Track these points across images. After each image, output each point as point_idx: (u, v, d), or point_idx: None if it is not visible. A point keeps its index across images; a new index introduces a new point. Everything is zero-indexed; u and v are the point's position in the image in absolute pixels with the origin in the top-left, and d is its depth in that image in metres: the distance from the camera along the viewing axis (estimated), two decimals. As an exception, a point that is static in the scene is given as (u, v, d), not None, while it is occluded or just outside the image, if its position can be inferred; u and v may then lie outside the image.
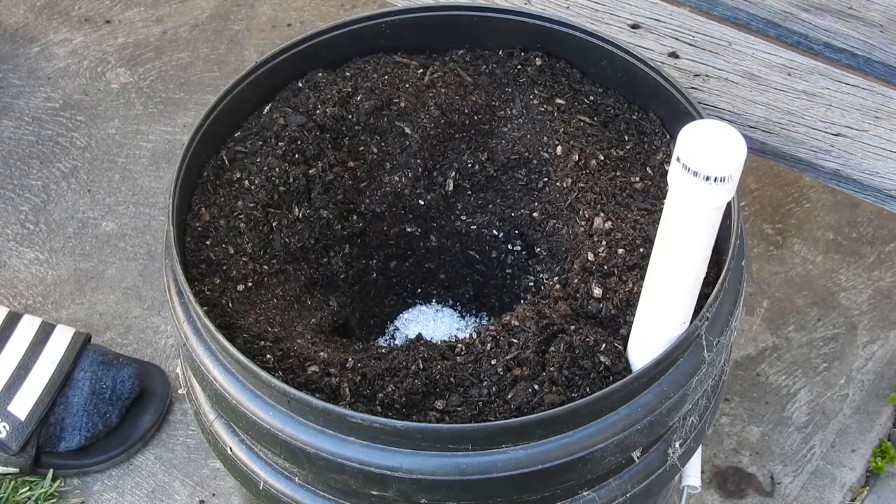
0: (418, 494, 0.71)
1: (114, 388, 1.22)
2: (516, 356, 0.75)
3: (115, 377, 1.22)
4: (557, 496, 0.76)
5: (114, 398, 1.21)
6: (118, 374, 1.22)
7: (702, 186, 0.59)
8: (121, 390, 1.22)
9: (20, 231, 1.46)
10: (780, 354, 1.34)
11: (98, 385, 1.21)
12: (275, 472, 0.80)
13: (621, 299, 0.79)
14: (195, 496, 1.22)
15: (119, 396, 1.22)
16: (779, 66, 1.06)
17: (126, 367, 1.23)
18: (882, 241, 1.45)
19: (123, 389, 1.22)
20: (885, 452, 1.26)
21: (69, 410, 1.19)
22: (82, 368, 1.21)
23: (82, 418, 1.20)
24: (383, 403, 0.74)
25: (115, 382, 1.22)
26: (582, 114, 0.93)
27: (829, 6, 1.11)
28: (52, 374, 1.19)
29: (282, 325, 0.82)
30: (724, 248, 0.78)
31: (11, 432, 1.17)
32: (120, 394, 1.22)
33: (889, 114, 1.02)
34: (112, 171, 1.53)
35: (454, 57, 0.98)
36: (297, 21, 1.74)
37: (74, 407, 1.20)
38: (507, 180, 0.95)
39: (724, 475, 1.24)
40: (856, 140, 0.99)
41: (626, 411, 0.72)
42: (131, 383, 1.23)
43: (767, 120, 1.01)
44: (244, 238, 0.86)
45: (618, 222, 0.84)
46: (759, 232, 1.46)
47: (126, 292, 1.40)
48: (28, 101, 1.62)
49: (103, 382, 1.21)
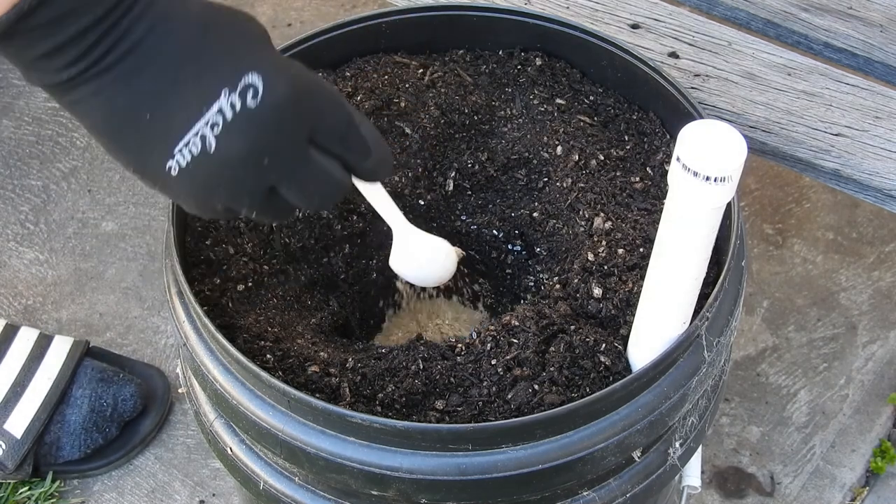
0: (418, 494, 0.71)
1: (115, 405, 1.20)
2: (516, 356, 0.75)
3: (117, 395, 1.20)
4: (557, 496, 0.76)
5: (115, 416, 1.20)
6: (120, 393, 1.21)
7: (702, 186, 0.59)
8: (123, 409, 1.21)
9: (20, 231, 1.46)
10: (780, 354, 1.34)
11: (98, 403, 1.19)
12: (275, 472, 0.80)
13: (621, 299, 0.79)
14: (195, 496, 1.22)
15: (121, 414, 1.21)
16: (779, 65, 1.06)
17: (128, 385, 1.21)
18: (882, 241, 1.45)
19: (126, 408, 1.21)
20: (885, 452, 1.26)
21: (66, 429, 1.18)
22: (81, 385, 1.20)
23: (80, 436, 1.19)
24: (383, 403, 0.74)
25: (117, 401, 1.20)
26: (582, 114, 0.93)
27: (830, 6, 1.11)
28: (49, 391, 1.18)
29: (282, 325, 0.82)
30: (724, 248, 0.78)
31: (7, 451, 1.16)
32: (122, 412, 1.21)
33: (889, 114, 1.02)
34: (112, 171, 1.53)
35: (454, 57, 0.98)
36: (297, 21, 1.74)
37: (72, 425, 1.19)
38: (507, 180, 0.95)
39: (724, 475, 1.24)
40: (856, 140, 0.99)
41: (626, 411, 0.72)
42: (133, 402, 1.21)
43: (767, 120, 1.01)
44: (244, 238, 0.86)
45: (618, 222, 0.84)
46: (759, 232, 1.46)
47: (126, 292, 1.40)
48: (28, 101, 1.62)
49: (104, 400, 1.20)
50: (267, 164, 0.62)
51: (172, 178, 0.61)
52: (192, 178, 0.61)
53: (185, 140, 0.60)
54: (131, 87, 0.59)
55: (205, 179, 0.62)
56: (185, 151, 0.60)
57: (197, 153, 0.60)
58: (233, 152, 0.60)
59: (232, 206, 0.64)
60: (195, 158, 0.60)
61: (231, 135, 0.60)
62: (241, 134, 0.60)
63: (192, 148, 0.60)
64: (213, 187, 0.62)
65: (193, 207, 0.65)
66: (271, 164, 0.62)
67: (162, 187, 0.64)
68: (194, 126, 0.60)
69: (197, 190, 0.63)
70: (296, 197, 0.65)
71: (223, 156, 0.60)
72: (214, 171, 0.61)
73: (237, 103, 0.59)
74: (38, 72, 0.59)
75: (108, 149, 0.63)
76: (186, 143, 0.60)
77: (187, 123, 0.60)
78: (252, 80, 0.60)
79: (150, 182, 0.64)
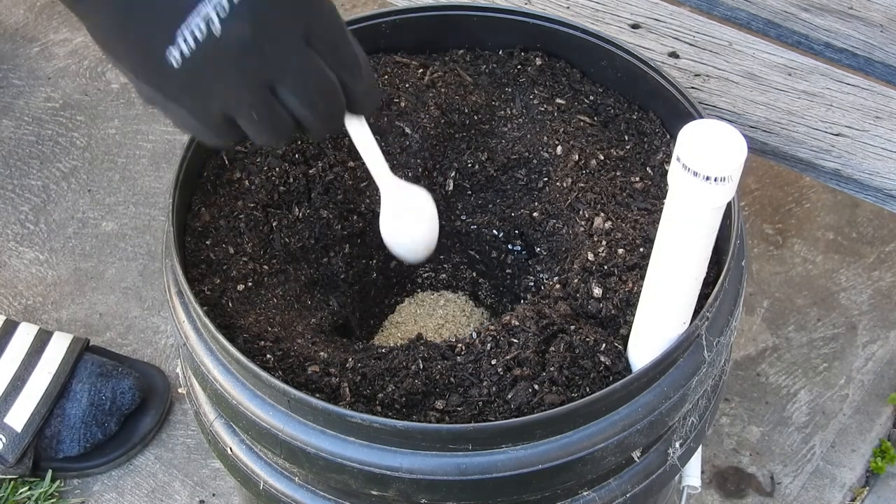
0: (418, 494, 0.71)
1: (113, 399, 1.21)
2: (516, 356, 0.75)
3: (115, 388, 1.21)
4: (557, 496, 0.76)
5: (113, 409, 1.21)
6: (118, 386, 1.21)
7: (702, 186, 0.59)
8: (121, 402, 1.21)
9: (20, 231, 1.46)
10: (780, 354, 1.34)
11: (97, 397, 1.20)
12: (275, 472, 0.80)
13: (621, 299, 0.79)
14: (195, 496, 1.22)
15: (119, 408, 1.21)
16: (779, 66, 1.06)
17: (126, 378, 1.22)
18: (882, 241, 1.45)
19: (124, 401, 1.21)
20: (885, 452, 1.26)
21: (66, 423, 1.19)
22: (80, 380, 1.20)
23: (80, 430, 1.19)
24: (383, 403, 0.74)
25: (115, 394, 1.21)
26: (582, 114, 0.93)
27: (830, 6, 1.11)
28: (49, 385, 1.19)
29: (282, 325, 0.82)
30: (724, 248, 0.78)
31: (8, 444, 1.16)
32: (120, 405, 1.21)
33: (890, 114, 1.02)
34: (112, 171, 1.53)
35: (454, 57, 0.98)
36: (298, 21, 1.74)
37: (72, 419, 1.19)
38: (507, 180, 0.95)
39: (724, 475, 1.24)
40: (856, 140, 0.99)
41: (626, 411, 0.72)
42: (132, 395, 1.22)
43: (768, 120, 1.01)
44: (244, 238, 0.86)
45: (618, 222, 0.84)
46: (759, 232, 1.46)
47: (126, 292, 1.40)
48: (28, 101, 1.62)
49: (102, 394, 1.20)
50: (268, 52, 0.62)
51: (173, 70, 0.60)
52: (193, 67, 0.60)
53: (189, 23, 0.59)
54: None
55: (207, 68, 0.61)
56: (188, 37, 0.60)
57: (202, 37, 0.60)
58: (237, 35, 0.60)
59: (231, 106, 0.63)
60: (200, 44, 0.60)
61: (236, 19, 0.60)
62: (246, 18, 0.60)
63: (197, 32, 0.60)
64: (215, 79, 0.61)
65: (190, 112, 0.63)
66: (272, 52, 0.62)
67: (159, 86, 0.62)
68: (199, 8, 0.59)
69: (198, 83, 0.61)
70: (296, 99, 0.64)
71: (228, 39, 0.60)
72: (218, 57, 0.61)
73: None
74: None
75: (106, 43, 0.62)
76: (190, 27, 0.59)
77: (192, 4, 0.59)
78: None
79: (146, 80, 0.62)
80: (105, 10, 0.60)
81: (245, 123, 0.64)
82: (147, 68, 0.62)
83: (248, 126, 0.64)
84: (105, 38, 0.62)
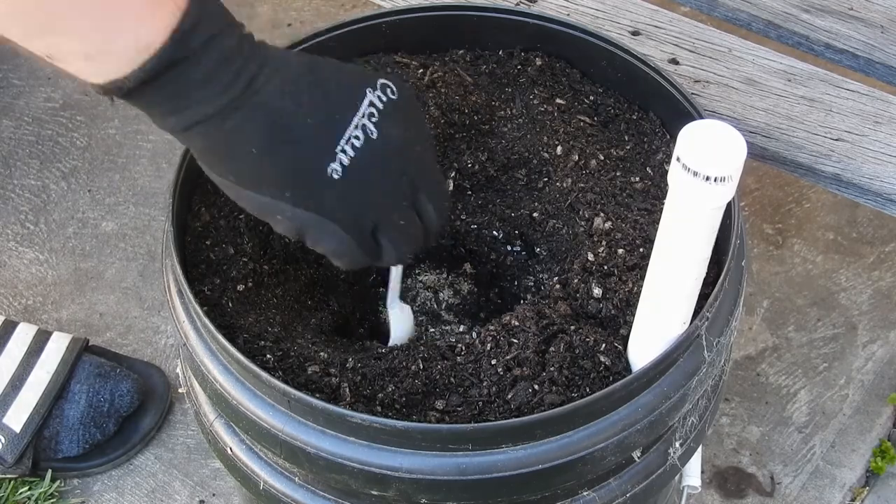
0: (418, 494, 0.71)
1: (112, 401, 1.20)
2: (516, 356, 0.75)
3: (114, 390, 1.21)
4: (557, 496, 0.76)
5: (112, 411, 1.20)
6: (117, 388, 1.21)
7: (702, 186, 0.59)
8: (119, 404, 1.21)
9: (20, 231, 1.46)
10: (780, 354, 1.34)
11: (95, 398, 1.20)
12: (275, 472, 0.80)
13: (621, 299, 0.79)
14: (195, 496, 1.22)
15: (118, 409, 1.21)
16: (779, 71, 1.06)
17: (125, 380, 1.22)
18: (882, 241, 1.45)
19: (122, 403, 1.21)
20: (885, 452, 1.26)
21: (64, 424, 1.19)
22: (79, 381, 1.20)
23: (78, 431, 1.19)
24: (383, 403, 0.74)
25: (114, 396, 1.21)
26: (582, 114, 0.93)
27: (831, 7, 1.11)
28: (48, 385, 1.18)
29: (282, 325, 0.82)
30: (724, 248, 0.78)
31: (7, 444, 1.16)
32: (119, 407, 1.21)
33: (889, 119, 1.02)
34: (112, 171, 1.53)
35: (454, 57, 0.98)
36: (297, 21, 1.74)
37: (70, 420, 1.19)
38: (507, 180, 0.95)
39: (724, 475, 1.24)
40: (856, 145, 1.00)
41: (626, 411, 0.72)
42: (130, 397, 1.21)
43: (768, 125, 1.01)
44: (244, 238, 0.86)
45: (618, 222, 0.84)
46: (759, 232, 1.46)
47: (126, 292, 1.40)
48: (28, 101, 1.62)
49: (101, 395, 1.20)
50: (414, 153, 0.68)
51: (333, 181, 0.64)
52: (356, 174, 0.64)
53: (346, 135, 0.64)
54: (282, 104, 0.62)
55: (368, 173, 0.65)
56: (347, 148, 0.64)
57: (360, 143, 0.64)
58: (393, 134, 0.65)
59: (383, 215, 0.67)
60: (359, 149, 0.64)
61: (387, 119, 0.65)
62: (394, 118, 0.66)
63: (355, 141, 0.64)
64: (371, 184, 0.65)
65: (344, 227, 0.66)
66: (415, 154, 0.68)
67: (318, 202, 0.65)
68: (353, 120, 0.64)
69: (356, 190, 0.65)
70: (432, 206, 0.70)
71: (385, 139, 0.65)
72: (378, 159, 0.65)
73: (382, 97, 0.65)
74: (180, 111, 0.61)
75: (259, 171, 0.64)
76: (348, 138, 0.64)
77: (347, 118, 0.64)
78: (385, 81, 0.67)
79: (304, 199, 0.65)
80: (254, 138, 0.62)
81: (390, 234, 0.68)
82: (309, 186, 0.64)
83: (392, 237, 0.68)
84: (251, 168, 0.64)
